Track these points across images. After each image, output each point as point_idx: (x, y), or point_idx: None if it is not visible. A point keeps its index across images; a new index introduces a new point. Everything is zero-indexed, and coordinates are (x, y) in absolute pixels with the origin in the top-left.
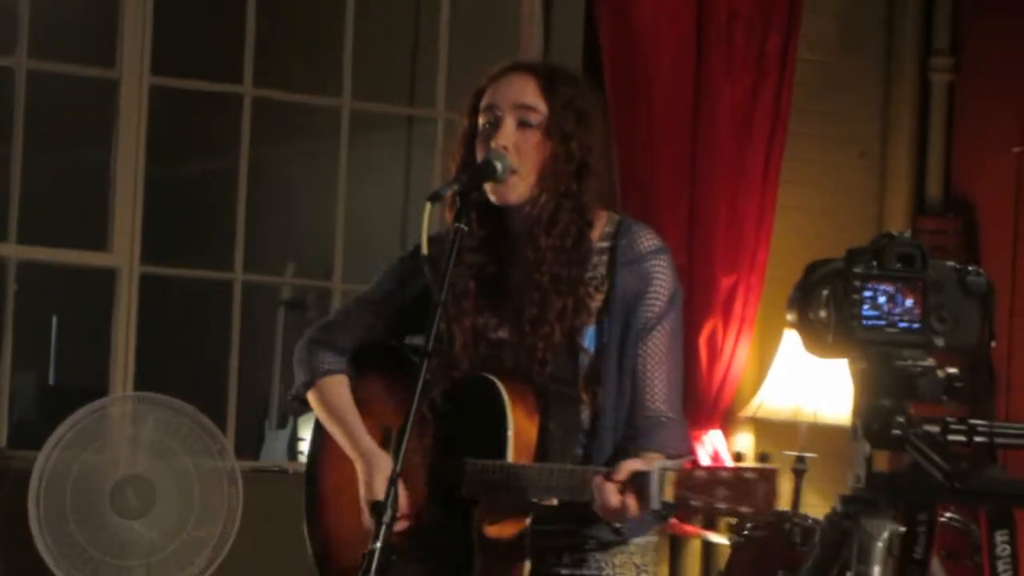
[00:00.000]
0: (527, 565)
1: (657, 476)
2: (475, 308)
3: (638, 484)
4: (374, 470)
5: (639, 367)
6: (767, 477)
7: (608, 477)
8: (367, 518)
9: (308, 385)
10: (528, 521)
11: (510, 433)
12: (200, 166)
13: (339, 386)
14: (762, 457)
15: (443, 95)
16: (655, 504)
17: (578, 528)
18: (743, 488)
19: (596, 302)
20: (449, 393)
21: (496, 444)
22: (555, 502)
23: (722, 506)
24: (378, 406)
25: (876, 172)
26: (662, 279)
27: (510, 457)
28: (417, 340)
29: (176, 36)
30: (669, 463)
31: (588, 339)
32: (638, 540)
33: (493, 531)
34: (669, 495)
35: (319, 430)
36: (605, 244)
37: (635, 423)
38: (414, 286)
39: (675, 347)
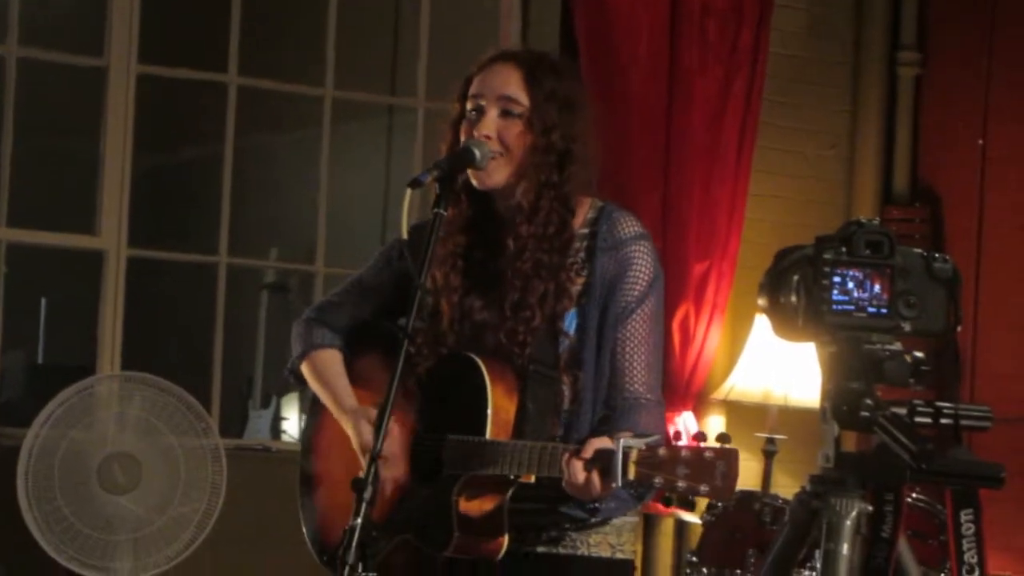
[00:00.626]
0: (504, 540)
1: (621, 453)
2: (462, 287)
3: (603, 461)
4: (360, 421)
5: (618, 350)
6: (726, 457)
7: (575, 454)
8: (363, 463)
9: (302, 357)
10: (506, 497)
11: (489, 411)
12: (186, 152)
13: (332, 358)
14: (721, 437)
15: (423, 84)
16: (618, 481)
17: (555, 507)
18: (703, 467)
19: (576, 286)
20: (433, 370)
21: (476, 421)
22: (532, 479)
23: (682, 485)
24: (372, 381)
25: (845, 162)
26: (641, 264)
27: (489, 434)
28: (403, 321)
29: (163, 26)
30: (633, 441)
31: (568, 323)
32: (615, 520)
33: (472, 506)
34: (632, 473)
35: (312, 412)
36: (586, 230)
37: (613, 404)
38: (405, 269)
39: (655, 331)
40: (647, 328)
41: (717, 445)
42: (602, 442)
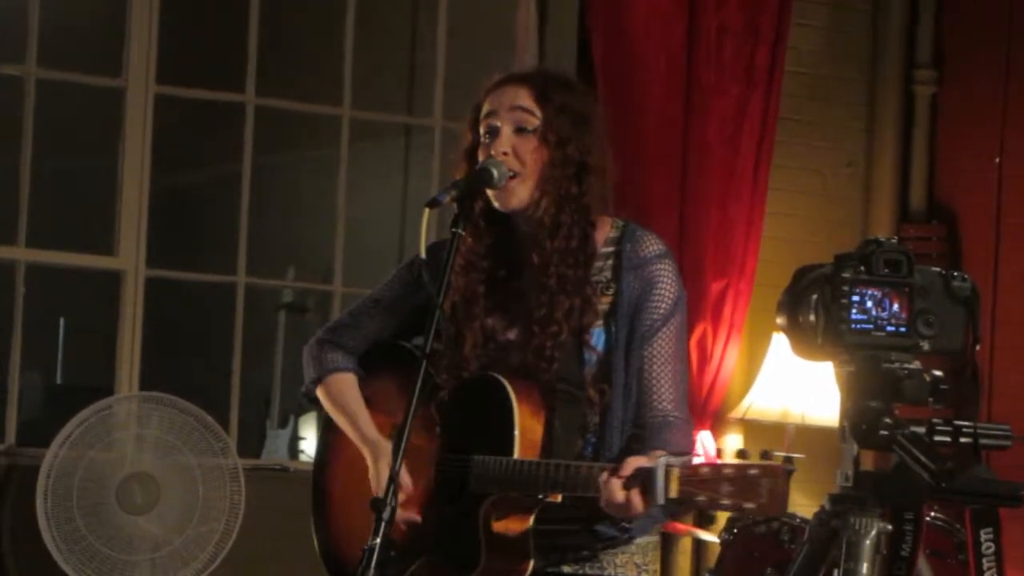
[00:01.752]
0: (531, 563)
1: (662, 472)
2: (484, 311)
3: (643, 480)
4: (380, 458)
5: (645, 368)
6: (772, 474)
7: (613, 473)
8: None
9: (317, 381)
10: (532, 520)
11: (517, 431)
12: (204, 172)
13: (347, 382)
14: (764, 455)
15: (440, 104)
16: (660, 499)
17: (582, 527)
18: (747, 484)
19: (603, 305)
20: (456, 392)
21: (503, 441)
22: (559, 498)
23: (726, 502)
24: (388, 404)
25: (862, 181)
26: (666, 282)
27: (517, 454)
28: (420, 341)
29: (181, 46)
30: (673, 459)
31: (596, 339)
32: (640, 540)
33: (499, 527)
34: (674, 491)
35: (326, 430)
36: (610, 249)
37: (642, 423)
38: (421, 290)
39: (680, 348)
40: (673, 346)
41: (762, 463)
42: (639, 461)
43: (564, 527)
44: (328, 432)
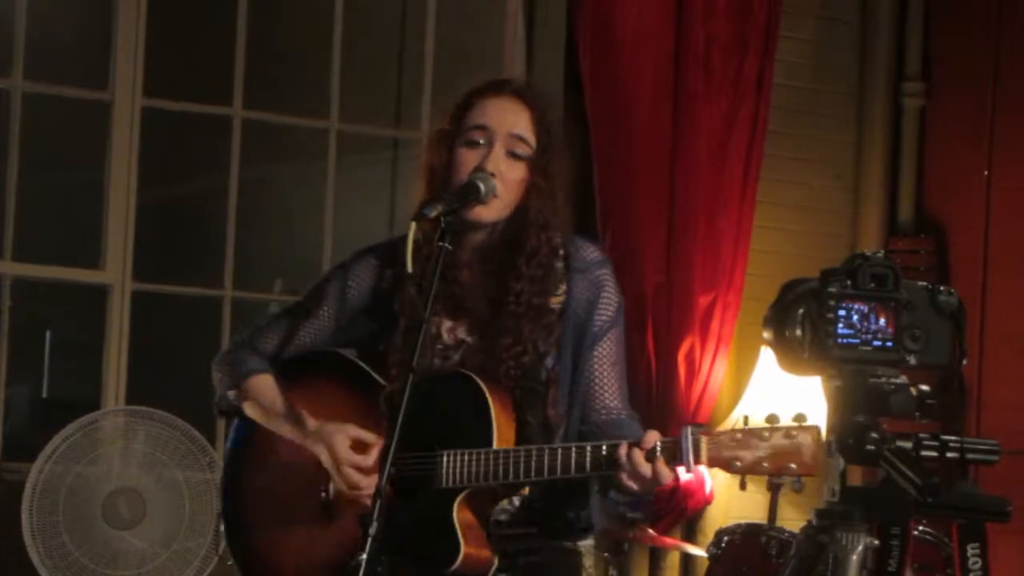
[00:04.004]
0: (491, 553)
1: (691, 439)
2: (439, 311)
3: (669, 450)
4: (335, 436)
5: (595, 369)
6: (811, 433)
7: (634, 445)
8: (340, 483)
9: (234, 387)
10: (493, 510)
11: (494, 424)
12: (191, 186)
13: (267, 384)
14: (797, 417)
15: (428, 117)
16: (690, 466)
17: (540, 534)
18: (790, 446)
19: (554, 305)
20: (415, 390)
21: (479, 435)
22: (527, 491)
23: (767, 465)
24: (323, 410)
25: (850, 194)
26: (611, 288)
27: (495, 447)
28: (346, 351)
29: (168, 59)
30: (696, 427)
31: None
32: (584, 543)
33: (473, 519)
34: (704, 457)
35: (234, 446)
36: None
37: (594, 420)
38: (347, 298)
39: (623, 352)
40: (618, 349)
41: (798, 423)
42: (657, 435)
43: (520, 530)
44: (237, 447)
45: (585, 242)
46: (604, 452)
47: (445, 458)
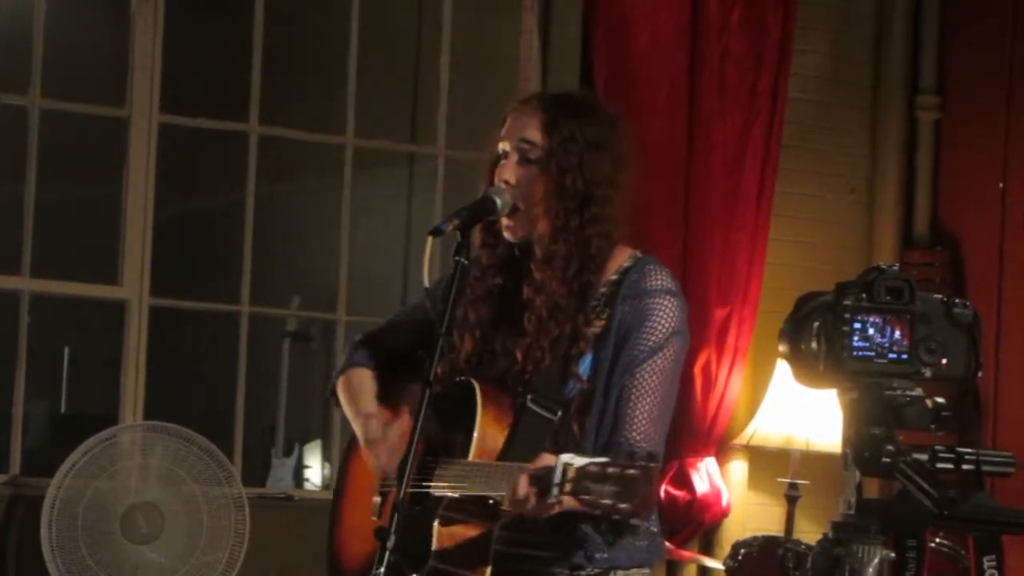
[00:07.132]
0: (488, 570)
1: (561, 468)
2: (479, 321)
3: (545, 477)
4: (370, 420)
5: (623, 398)
6: (648, 476)
7: (523, 469)
8: (372, 464)
9: (339, 375)
10: (494, 528)
11: (475, 434)
12: (208, 202)
13: (362, 375)
14: (649, 456)
15: (443, 133)
16: (554, 495)
17: (564, 555)
18: (628, 484)
19: (595, 329)
20: (440, 397)
21: (463, 444)
22: (509, 509)
23: (607, 502)
24: (400, 406)
25: (865, 207)
26: (661, 317)
27: (472, 457)
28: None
29: (184, 76)
30: (578, 459)
31: (584, 366)
32: (628, 571)
33: (454, 529)
34: (568, 488)
35: (344, 463)
36: (615, 277)
37: (609, 448)
38: (427, 307)
39: (664, 385)
40: (656, 381)
41: (639, 463)
42: (550, 459)
43: (545, 553)
44: (346, 460)
45: (657, 268)
46: (499, 471)
47: (438, 465)
